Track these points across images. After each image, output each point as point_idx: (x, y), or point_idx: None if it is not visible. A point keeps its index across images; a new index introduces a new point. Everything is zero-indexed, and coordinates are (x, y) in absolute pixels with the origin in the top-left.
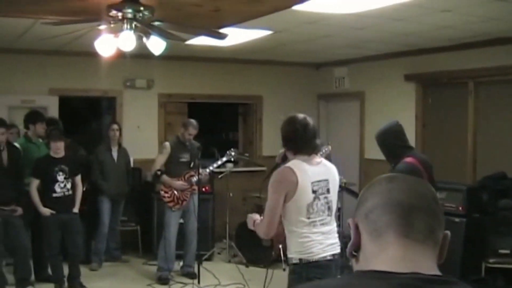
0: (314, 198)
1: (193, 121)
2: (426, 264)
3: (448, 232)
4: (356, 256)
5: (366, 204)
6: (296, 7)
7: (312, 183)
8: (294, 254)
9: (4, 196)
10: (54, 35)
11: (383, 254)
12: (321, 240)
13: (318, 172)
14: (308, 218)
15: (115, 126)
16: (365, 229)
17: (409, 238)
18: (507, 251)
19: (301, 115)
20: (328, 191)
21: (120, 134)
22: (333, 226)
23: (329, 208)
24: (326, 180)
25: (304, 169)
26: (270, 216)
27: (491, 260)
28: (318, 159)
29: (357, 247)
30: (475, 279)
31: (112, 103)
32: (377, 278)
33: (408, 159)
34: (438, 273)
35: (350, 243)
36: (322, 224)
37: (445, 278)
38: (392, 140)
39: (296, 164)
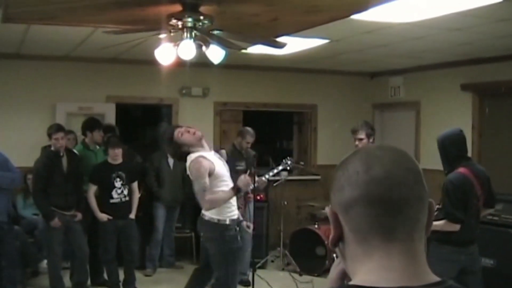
0: None
1: (250, 129)
2: (416, 270)
3: (432, 201)
4: (340, 248)
5: (343, 195)
6: (354, 16)
7: None
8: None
9: (65, 201)
10: (113, 43)
11: (369, 262)
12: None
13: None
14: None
15: None
16: (347, 225)
17: (395, 241)
18: None
19: None
20: None
21: None
22: None
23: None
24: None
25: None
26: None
27: None
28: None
29: (340, 239)
30: None
31: (168, 111)
32: None
33: (461, 169)
34: (430, 277)
35: (332, 236)
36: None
37: (437, 287)
38: (449, 147)
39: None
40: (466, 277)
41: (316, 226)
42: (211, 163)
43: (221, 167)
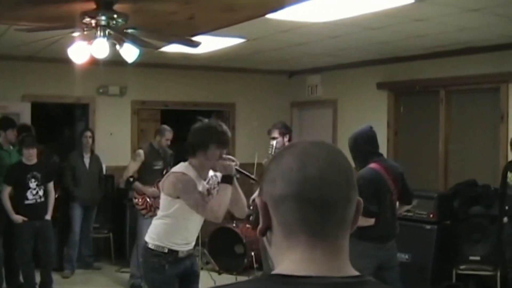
0: None
1: (167, 126)
2: (337, 263)
3: (360, 200)
4: (268, 237)
5: (275, 189)
6: (270, 16)
7: None
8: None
9: None
10: (27, 41)
11: (293, 254)
12: None
13: None
14: None
15: (88, 133)
16: (276, 219)
17: (321, 237)
18: (478, 258)
19: None
20: None
21: (93, 141)
22: None
23: None
24: None
25: None
26: None
27: (462, 267)
28: None
29: (268, 228)
30: (446, 286)
31: (85, 110)
32: (283, 284)
33: (372, 165)
34: (350, 270)
35: (261, 225)
36: None
37: (354, 279)
38: (361, 145)
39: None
40: (383, 272)
41: (234, 224)
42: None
43: None
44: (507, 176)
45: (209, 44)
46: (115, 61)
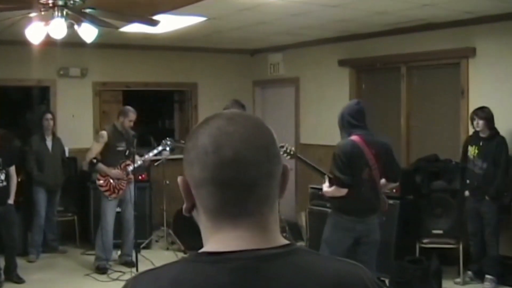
0: None
1: (130, 107)
2: (265, 237)
3: (287, 165)
4: (195, 215)
5: (194, 172)
6: None
7: None
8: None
9: None
10: None
11: (218, 234)
12: None
13: None
14: None
15: (49, 116)
16: (198, 201)
17: (244, 217)
18: (440, 231)
19: None
20: None
21: (54, 124)
22: None
23: None
24: None
25: None
26: None
27: (425, 241)
28: None
29: (194, 207)
30: (410, 259)
31: (45, 93)
32: (211, 263)
33: (353, 137)
34: (278, 240)
35: (185, 205)
36: None
37: (283, 249)
38: (346, 117)
39: None
40: (360, 246)
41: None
42: None
43: None
44: (467, 150)
45: (170, 23)
46: (75, 42)
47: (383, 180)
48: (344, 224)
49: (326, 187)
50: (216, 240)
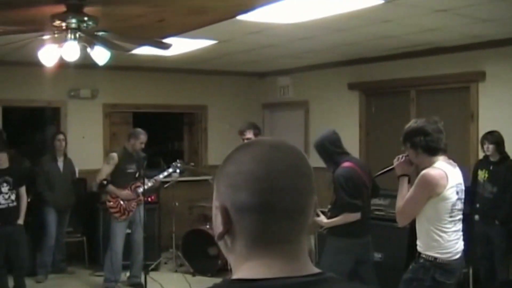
0: (457, 199)
1: (141, 130)
2: (298, 264)
3: (316, 198)
4: (226, 241)
5: (238, 196)
6: (240, 17)
7: (456, 185)
8: (429, 251)
9: None
10: None
11: (253, 261)
12: (457, 240)
13: (458, 174)
14: (450, 217)
15: (61, 136)
16: (238, 226)
17: (281, 244)
18: None
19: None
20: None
21: (66, 144)
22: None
23: (461, 209)
24: (461, 183)
25: (451, 171)
26: (411, 209)
27: None
28: (452, 161)
29: (227, 233)
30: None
31: (56, 114)
32: None
33: (346, 164)
34: (310, 268)
35: (221, 230)
36: (458, 223)
37: (315, 277)
38: (330, 147)
39: (444, 166)
40: (360, 266)
41: (207, 226)
42: None
43: None
44: (477, 175)
45: (180, 46)
46: (86, 64)
47: None
48: (345, 247)
49: (324, 219)
50: (250, 267)
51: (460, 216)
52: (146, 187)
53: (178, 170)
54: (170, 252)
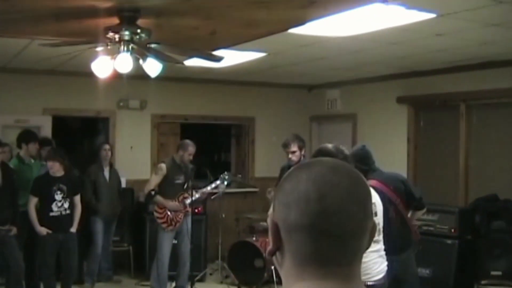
0: None
1: (190, 141)
2: (350, 286)
3: (375, 222)
4: (277, 258)
5: (289, 215)
6: (291, 30)
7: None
8: None
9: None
10: (50, 55)
11: (302, 282)
12: (380, 260)
13: (374, 193)
14: None
15: (107, 146)
16: (287, 245)
17: (333, 267)
18: (499, 273)
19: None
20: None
21: (112, 154)
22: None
23: (379, 230)
24: (374, 203)
25: None
26: None
27: (483, 282)
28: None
29: (278, 250)
30: None
31: (105, 124)
32: None
33: (370, 182)
34: None
35: (270, 247)
36: (376, 244)
37: None
38: (356, 164)
39: None
40: (399, 285)
41: (254, 238)
42: None
43: None
44: None
45: (230, 58)
46: (135, 74)
47: (410, 213)
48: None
49: None
50: (302, 287)
51: (379, 237)
52: (193, 198)
53: (225, 182)
54: (216, 263)
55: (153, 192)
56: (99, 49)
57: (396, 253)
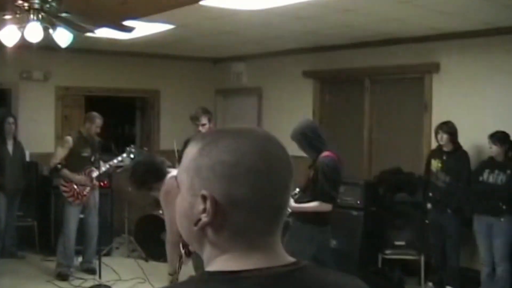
0: None
1: (96, 113)
2: (277, 253)
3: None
4: (205, 231)
5: (236, 188)
6: (202, 2)
7: None
8: None
9: None
10: None
11: (233, 252)
12: None
13: None
14: None
15: (11, 119)
16: (226, 217)
17: (267, 236)
18: (403, 243)
19: None
20: None
21: (16, 127)
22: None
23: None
24: None
25: None
26: None
27: (387, 252)
28: None
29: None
30: (372, 270)
31: (7, 96)
32: (228, 282)
33: (329, 153)
34: (287, 258)
35: (205, 221)
36: None
37: (293, 266)
38: (312, 135)
39: None
40: (322, 253)
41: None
42: None
43: None
44: (430, 164)
45: (137, 29)
46: (39, 45)
47: None
48: (309, 235)
49: (292, 202)
50: (227, 258)
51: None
52: (100, 171)
53: (131, 155)
54: (123, 237)
55: (59, 166)
56: (7, 17)
57: (326, 224)
